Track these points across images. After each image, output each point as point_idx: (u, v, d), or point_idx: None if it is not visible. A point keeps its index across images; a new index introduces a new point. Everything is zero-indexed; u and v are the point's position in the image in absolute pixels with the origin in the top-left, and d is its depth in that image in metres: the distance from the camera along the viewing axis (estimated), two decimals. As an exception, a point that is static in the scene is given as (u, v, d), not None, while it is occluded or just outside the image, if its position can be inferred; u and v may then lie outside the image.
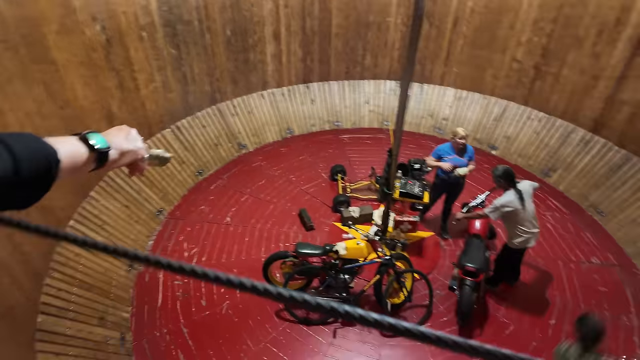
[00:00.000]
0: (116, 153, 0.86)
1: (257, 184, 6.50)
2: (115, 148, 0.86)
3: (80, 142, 0.78)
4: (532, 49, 6.52)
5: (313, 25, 7.23)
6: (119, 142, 0.88)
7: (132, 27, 5.17)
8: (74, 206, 4.52)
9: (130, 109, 5.44)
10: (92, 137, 0.80)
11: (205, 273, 0.61)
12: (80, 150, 0.77)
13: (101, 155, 0.82)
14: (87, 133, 0.81)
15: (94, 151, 0.80)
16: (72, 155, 0.74)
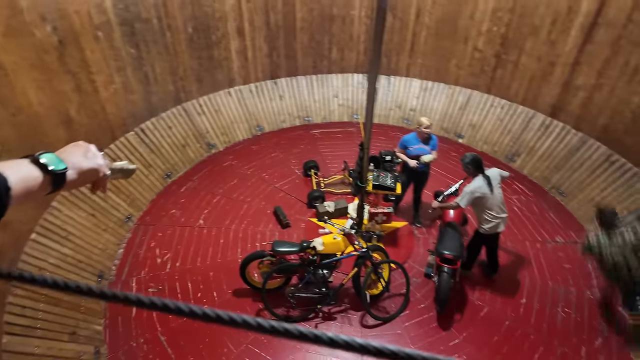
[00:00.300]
0: (74, 173, 0.80)
1: (229, 184, 6.39)
2: (72, 168, 0.79)
3: (33, 165, 0.72)
4: (492, 38, 6.72)
5: (277, 20, 7.13)
6: (77, 160, 0.82)
7: (87, 27, 4.92)
8: (36, 218, 4.28)
9: (90, 113, 5.19)
10: (46, 158, 0.74)
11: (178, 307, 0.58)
12: (34, 174, 0.71)
13: (57, 178, 0.76)
14: (40, 154, 0.74)
15: (49, 174, 0.74)
16: (24, 180, 0.69)
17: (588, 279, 5.12)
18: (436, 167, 6.84)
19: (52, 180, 0.75)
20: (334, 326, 4.53)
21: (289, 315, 4.55)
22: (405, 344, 4.42)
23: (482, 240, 4.64)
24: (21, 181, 0.68)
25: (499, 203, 4.35)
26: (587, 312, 4.75)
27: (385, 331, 4.54)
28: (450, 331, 4.55)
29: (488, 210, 4.34)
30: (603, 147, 5.88)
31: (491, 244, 4.75)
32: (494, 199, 4.30)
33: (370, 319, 4.59)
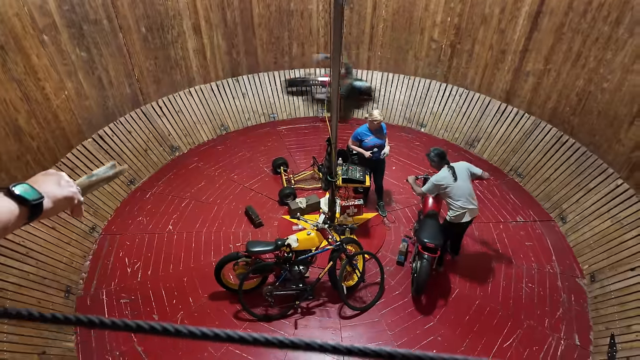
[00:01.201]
0: (50, 202, 0.78)
1: (197, 187, 6.26)
2: (47, 197, 0.77)
3: (7, 198, 0.70)
4: (447, 28, 6.94)
5: (234, 16, 7.00)
6: (51, 189, 0.79)
7: (30, 31, 4.62)
8: (-11, 238, 4.01)
9: (42, 122, 4.91)
10: (20, 189, 0.72)
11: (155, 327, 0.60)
12: (10, 207, 0.69)
13: (34, 208, 0.74)
14: (14, 186, 0.72)
15: (25, 205, 0.72)
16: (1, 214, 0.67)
17: (548, 255, 5.47)
18: (401, 156, 7.04)
19: (29, 212, 0.73)
20: (313, 320, 4.59)
21: (268, 314, 4.56)
22: (383, 330, 4.56)
23: (449, 227, 4.81)
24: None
25: (467, 195, 4.52)
26: (549, 285, 5.08)
27: (363, 320, 4.66)
28: (424, 315, 4.73)
29: (454, 199, 4.52)
30: (554, 129, 6.26)
31: (457, 231, 4.92)
32: (459, 189, 4.48)
33: (348, 310, 4.69)
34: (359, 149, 5.41)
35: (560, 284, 5.10)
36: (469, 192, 4.55)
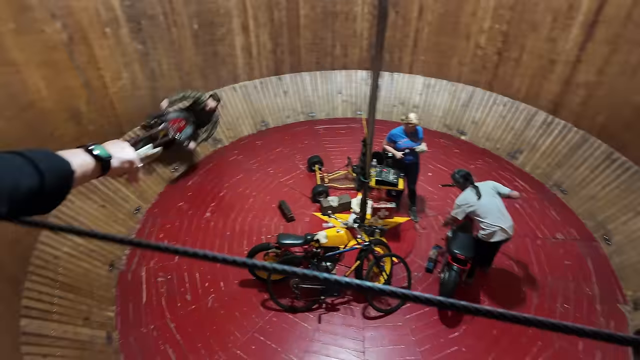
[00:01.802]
0: (116, 162, 0.94)
1: (235, 178, 6.51)
2: (115, 158, 0.93)
3: (87, 154, 0.86)
4: (494, 35, 6.78)
5: (281, 17, 7.21)
6: (118, 152, 0.95)
7: (95, 24, 5.02)
8: (48, 210, 4.41)
9: (99, 108, 5.31)
10: (97, 149, 0.88)
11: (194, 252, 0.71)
12: (88, 161, 0.85)
13: (105, 164, 0.89)
14: (92, 145, 0.88)
15: (99, 161, 0.87)
16: (82, 166, 0.82)
17: (588, 276, 5.21)
18: (438, 163, 6.95)
19: (102, 166, 0.88)
20: (337, 316, 4.66)
21: (293, 306, 4.68)
22: (406, 334, 4.54)
23: (481, 245, 4.70)
24: (80, 166, 0.81)
25: (495, 212, 4.43)
26: (586, 308, 4.84)
27: (386, 322, 4.66)
28: (450, 325, 4.66)
29: (481, 217, 4.45)
30: (604, 145, 5.94)
31: (489, 250, 4.81)
32: (485, 207, 4.42)
33: (372, 311, 4.71)
34: (392, 149, 5.43)
35: (599, 308, 4.85)
36: (497, 209, 4.45)
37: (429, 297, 0.68)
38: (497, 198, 4.51)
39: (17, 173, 0.66)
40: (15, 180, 0.64)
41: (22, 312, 3.44)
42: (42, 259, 4.00)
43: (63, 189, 0.76)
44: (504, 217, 4.47)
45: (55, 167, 0.74)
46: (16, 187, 0.64)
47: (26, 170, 0.67)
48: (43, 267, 3.96)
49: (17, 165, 0.67)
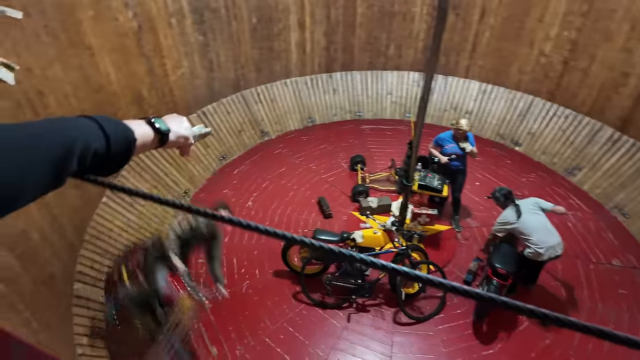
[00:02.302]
0: (173, 136, 1.01)
1: (278, 171, 6.65)
2: (172, 131, 0.99)
3: (149, 126, 0.93)
4: (561, 43, 6.37)
5: (337, 15, 7.24)
6: (176, 127, 1.02)
7: (162, 14, 5.33)
8: (106, 184, 4.77)
9: (160, 94, 5.64)
10: (157, 122, 0.95)
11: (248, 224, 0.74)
12: (149, 132, 0.93)
13: (163, 137, 0.96)
14: (153, 118, 0.95)
15: (159, 133, 0.94)
16: (144, 135, 0.89)
17: (644, 306, 4.78)
18: (487, 172, 6.67)
19: (160, 139, 0.95)
20: (366, 317, 4.63)
21: (324, 301, 4.71)
22: (436, 345, 4.42)
23: (525, 260, 4.48)
24: (142, 136, 0.89)
25: (539, 229, 4.23)
26: None
27: (417, 330, 4.56)
28: (484, 341, 4.47)
29: (526, 235, 4.26)
30: (677, 168, 5.41)
31: (535, 267, 4.58)
32: (528, 224, 4.24)
33: (403, 317, 4.63)
34: (437, 153, 5.28)
35: None
36: (542, 226, 4.23)
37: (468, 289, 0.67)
38: (540, 215, 4.29)
39: (88, 134, 0.72)
40: (86, 141, 0.70)
41: (76, 277, 3.76)
42: (97, 230, 4.34)
43: (125, 155, 0.83)
44: (552, 234, 4.24)
45: (120, 134, 0.81)
46: (86, 147, 0.70)
47: (96, 132, 0.74)
48: (97, 238, 4.29)
49: (89, 128, 0.74)
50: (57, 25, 3.98)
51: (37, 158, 0.61)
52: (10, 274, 2.56)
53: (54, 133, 0.66)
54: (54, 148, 0.63)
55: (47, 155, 0.62)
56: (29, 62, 3.64)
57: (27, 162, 0.59)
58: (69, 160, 0.66)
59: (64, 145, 0.65)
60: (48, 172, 0.62)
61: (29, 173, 0.59)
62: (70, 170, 0.67)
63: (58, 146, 0.64)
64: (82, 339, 3.41)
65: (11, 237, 2.81)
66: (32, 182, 0.60)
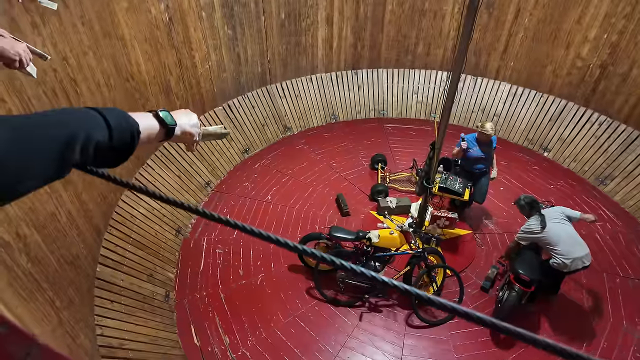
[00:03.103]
0: (179, 130, 1.03)
1: (299, 166, 6.69)
2: (179, 127, 1.01)
3: (154, 118, 0.95)
4: (600, 46, 6.07)
5: (367, 11, 7.17)
6: (183, 122, 1.04)
7: (193, 7, 5.43)
8: (131, 173, 4.94)
9: (187, 86, 5.76)
10: (163, 115, 0.97)
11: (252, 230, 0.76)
12: (154, 125, 0.95)
13: (169, 131, 0.99)
14: (160, 111, 0.97)
15: (164, 127, 0.96)
16: (148, 128, 0.92)
17: (673, 327, 4.54)
18: (512, 178, 6.47)
19: (165, 132, 0.98)
20: (379, 318, 4.62)
21: (337, 298, 4.73)
22: (449, 350, 4.37)
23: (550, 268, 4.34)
24: (147, 128, 0.91)
25: (566, 238, 4.09)
26: (666, 362, 4.24)
27: (429, 334, 4.52)
28: (500, 349, 4.38)
29: (552, 246, 4.13)
30: None
31: (559, 276, 4.42)
32: (554, 234, 4.11)
33: (416, 319, 4.59)
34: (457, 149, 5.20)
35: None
36: (569, 236, 4.08)
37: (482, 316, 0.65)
38: (567, 225, 4.14)
39: (91, 126, 0.74)
40: (89, 133, 0.72)
41: (99, 259, 3.92)
42: (122, 215, 4.50)
43: (129, 146, 0.85)
44: (579, 245, 4.09)
45: (124, 126, 0.83)
46: (89, 139, 0.72)
47: (99, 123, 0.76)
48: (121, 223, 4.45)
49: (91, 119, 0.76)
50: (93, 16, 4.13)
51: (42, 148, 0.63)
52: (37, 252, 2.70)
53: (58, 124, 0.68)
54: (57, 139, 0.66)
55: (51, 145, 0.65)
56: (64, 51, 3.80)
57: (33, 152, 0.61)
58: (72, 151, 0.68)
59: (67, 137, 0.67)
60: (51, 162, 0.65)
61: (34, 162, 0.62)
62: (73, 161, 0.70)
63: (62, 137, 0.67)
64: (101, 320, 3.56)
65: (41, 218, 2.96)
66: (36, 171, 0.63)
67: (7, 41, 1.45)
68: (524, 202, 4.43)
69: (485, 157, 5.09)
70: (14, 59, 1.47)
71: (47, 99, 3.55)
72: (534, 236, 4.25)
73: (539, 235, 4.20)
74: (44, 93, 3.51)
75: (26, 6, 3.21)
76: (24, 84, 3.20)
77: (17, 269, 2.26)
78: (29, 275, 2.44)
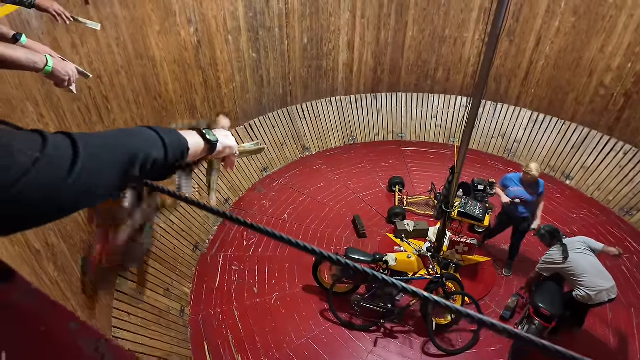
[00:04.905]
0: (221, 146, 1.10)
1: (316, 186, 6.73)
2: (220, 142, 1.07)
3: (200, 137, 1.02)
4: (624, 75, 6.02)
5: (387, 37, 7.32)
6: (222, 138, 1.10)
7: (221, 31, 5.66)
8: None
9: (212, 105, 5.95)
10: (208, 133, 1.05)
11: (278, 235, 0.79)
12: (200, 141, 1.02)
13: (212, 147, 1.05)
14: (205, 129, 1.04)
15: (208, 143, 1.04)
16: (195, 145, 0.99)
17: None
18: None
19: (209, 148, 1.04)
20: (394, 344, 4.51)
21: (351, 322, 4.65)
22: (466, 382, 4.21)
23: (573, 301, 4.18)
24: (193, 145, 0.99)
25: (591, 270, 3.96)
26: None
27: (446, 363, 4.37)
28: (519, 383, 4.20)
29: (575, 277, 4.01)
30: None
31: (583, 310, 4.26)
32: (576, 265, 3.99)
33: (432, 347, 4.46)
34: (501, 192, 4.97)
35: None
36: (593, 267, 3.95)
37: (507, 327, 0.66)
38: (590, 255, 4.02)
39: (150, 144, 0.82)
40: (148, 150, 0.80)
41: (119, 271, 3.99)
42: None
43: (179, 162, 0.93)
44: (604, 277, 3.95)
45: (176, 144, 0.90)
46: (148, 156, 0.79)
47: (157, 143, 0.84)
48: (142, 236, 4.53)
49: (151, 138, 0.84)
50: (127, 38, 4.36)
51: (112, 164, 0.70)
52: (63, 262, 2.78)
53: (123, 143, 0.76)
54: (123, 156, 0.73)
55: (118, 162, 0.72)
56: (99, 70, 4.00)
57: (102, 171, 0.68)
58: (134, 167, 0.75)
59: (131, 154, 0.75)
60: (117, 177, 0.72)
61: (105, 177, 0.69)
62: (134, 176, 0.76)
63: (126, 154, 0.74)
64: (118, 332, 3.59)
65: (68, 228, 3.06)
66: (105, 185, 0.70)
67: (58, 62, 1.55)
68: (544, 232, 4.33)
69: (529, 202, 4.78)
70: (64, 79, 1.58)
71: (80, 115, 3.72)
72: (556, 266, 4.13)
73: (561, 265, 4.08)
74: (79, 109, 3.69)
75: (68, 27, 3.42)
76: (61, 99, 3.37)
77: (45, 277, 2.33)
78: (56, 284, 2.50)
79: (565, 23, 6.34)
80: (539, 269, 4.31)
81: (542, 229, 4.36)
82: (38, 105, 2.97)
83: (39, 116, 2.95)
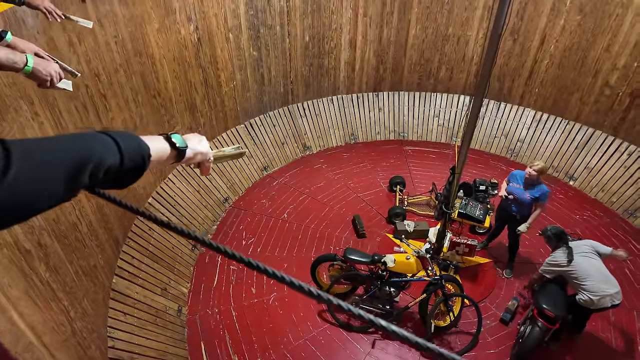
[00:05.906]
0: (191, 152, 1.06)
1: (316, 186, 6.69)
2: (190, 148, 1.03)
3: (165, 141, 0.98)
4: (630, 74, 5.92)
5: (390, 35, 7.26)
6: (194, 144, 1.07)
7: (221, 29, 5.62)
8: (153, 186, 5.05)
9: (212, 104, 5.92)
10: (175, 138, 1.00)
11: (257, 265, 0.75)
12: (165, 147, 0.98)
13: (180, 153, 1.01)
14: (171, 134, 1.00)
15: (175, 149, 0.99)
16: (159, 151, 0.94)
17: None
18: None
19: (177, 154, 1.00)
20: (392, 346, 4.47)
21: (349, 323, 4.62)
22: (465, 385, 4.17)
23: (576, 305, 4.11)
24: (157, 151, 0.93)
25: (596, 274, 3.90)
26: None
27: (445, 366, 4.32)
28: (518, 386, 4.15)
29: (579, 281, 3.94)
30: None
31: (586, 314, 4.19)
32: (582, 269, 3.92)
33: (431, 349, 4.41)
34: (502, 186, 4.95)
35: None
36: (598, 271, 3.88)
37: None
38: (596, 259, 3.95)
39: (103, 150, 0.76)
40: (100, 157, 0.74)
41: (116, 270, 3.98)
42: (140, 228, 4.58)
43: (139, 169, 0.87)
44: (609, 282, 3.88)
45: (135, 150, 0.85)
46: (100, 163, 0.74)
47: (111, 148, 0.78)
48: (139, 236, 4.53)
49: (105, 143, 0.78)
50: (126, 35, 4.33)
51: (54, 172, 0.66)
52: (56, 262, 2.76)
53: (71, 149, 0.71)
54: (69, 162, 0.68)
55: (62, 169, 0.67)
56: (97, 69, 3.98)
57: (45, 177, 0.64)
58: (82, 175, 0.70)
59: (79, 162, 0.70)
60: (62, 185, 0.67)
61: (47, 185, 0.64)
62: (82, 185, 0.72)
63: (75, 161, 0.69)
64: (114, 332, 3.58)
65: (63, 227, 3.04)
66: (47, 194, 0.65)
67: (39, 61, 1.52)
68: (550, 233, 4.24)
69: (523, 202, 4.68)
70: (45, 79, 1.55)
71: (77, 113, 3.70)
72: (560, 269, 4.07)
73: (565, 268, 4.02)
74: (75, 107, 3.67)
75: (64, 25, 3.40)
76: (57, 98, 3.35)
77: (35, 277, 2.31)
78: (47, 285, 2.49)
79: (570, 21, 6.25)
80: (542, 271, 4.25)
81: (549, 230, 4.27)
82: (33, 103, 2.95)
83: (34, 114, 2.94)
